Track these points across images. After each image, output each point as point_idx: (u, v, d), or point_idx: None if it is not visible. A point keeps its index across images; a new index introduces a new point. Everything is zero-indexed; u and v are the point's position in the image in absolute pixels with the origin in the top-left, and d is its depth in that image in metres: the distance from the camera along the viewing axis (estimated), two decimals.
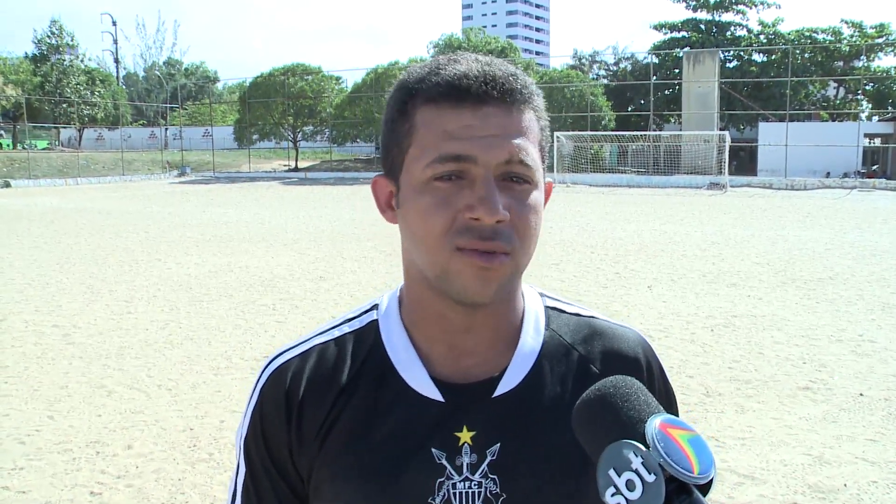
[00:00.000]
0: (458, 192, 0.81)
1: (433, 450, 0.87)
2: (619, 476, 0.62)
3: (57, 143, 57.56)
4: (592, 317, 0.99)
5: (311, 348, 0.95)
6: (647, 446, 0.62)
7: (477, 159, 0.81)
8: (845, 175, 35.58)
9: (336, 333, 0.96)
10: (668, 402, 0.98)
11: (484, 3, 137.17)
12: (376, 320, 0.96)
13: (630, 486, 0.61)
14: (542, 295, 0.99)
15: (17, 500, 3.97)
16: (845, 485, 4.06)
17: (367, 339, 0.94)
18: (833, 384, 5.76)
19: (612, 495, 0.62)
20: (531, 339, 0.93)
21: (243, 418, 0.95)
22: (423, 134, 0.83)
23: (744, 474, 4.18)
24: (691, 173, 35.52)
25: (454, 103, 0.82)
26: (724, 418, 5.07)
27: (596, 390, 0.70)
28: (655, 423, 0.63)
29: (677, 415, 0.98)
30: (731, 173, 33.34)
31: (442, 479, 0.86)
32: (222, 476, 4.24)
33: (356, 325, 0.97)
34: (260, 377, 0.95)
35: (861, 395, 5.51)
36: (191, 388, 5.78)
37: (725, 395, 5.52)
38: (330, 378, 0.92)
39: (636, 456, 0.62)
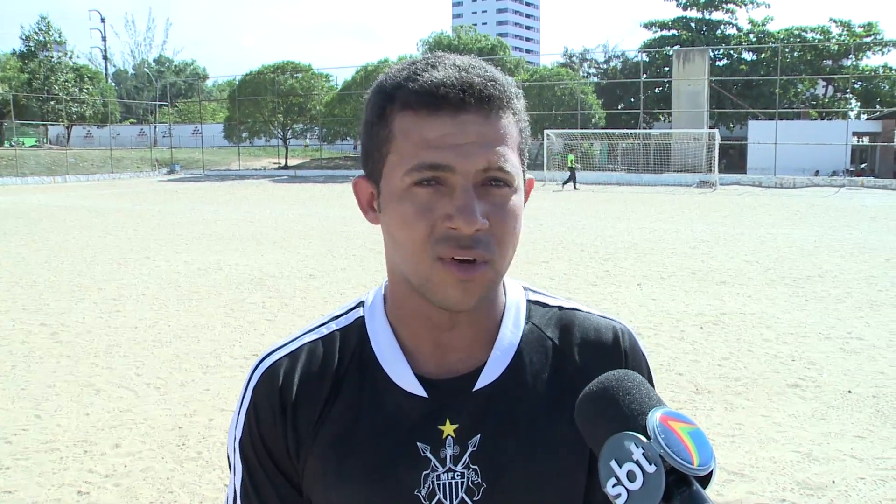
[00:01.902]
0: (439, 199, 0.81)
1: (418, 443, 0.89)
2: (621, 467, 0.63)
3: (45, 140, 57.16)
4: (575, 309, 0.99)
5: (300, 347, 0.95)
6: (648, 438, 0.63)
7: (455, 168, 0.80)
8: (834, 173, 35.78)
9: (324, 331, 0.96)
10: None
11: (474, 0, 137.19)
12: (362, 317, 0.97)
13: (631, 476, 0.62)
14: (525, 289, 1.00)
15: (3, 500, 3.94)
16: (833, 481, 4.08)
17: (353, 337, 0.95)
18: (822, 381, 5.79)
19: (614, 486, 0.63)
20: (510, 332, 0.94)
21: (235, 419, 0.94)
22: (402, 141, 0.83)
23: (733, 471, 4.20)
24: (681, 171, 35.66)
25: (432, 111, 0.81)
26: (714, 415, 5.09)
27: (599, 383, 0.71)
28: (657, 416, 0.65)
29: None
30: (720, 171, 33.51)
31: (427, 472, 0.88)
32: (211, 475, 4.22)
33: (343, 322, 0.97)
34: (250, 378, 0.95)
35: (849, 392, 5.54)
36: (179, 386, 5.76)
37: (715, 393, 5.54)
38: (321, 375, 0.93)
39: (637, 447, 0.63)
